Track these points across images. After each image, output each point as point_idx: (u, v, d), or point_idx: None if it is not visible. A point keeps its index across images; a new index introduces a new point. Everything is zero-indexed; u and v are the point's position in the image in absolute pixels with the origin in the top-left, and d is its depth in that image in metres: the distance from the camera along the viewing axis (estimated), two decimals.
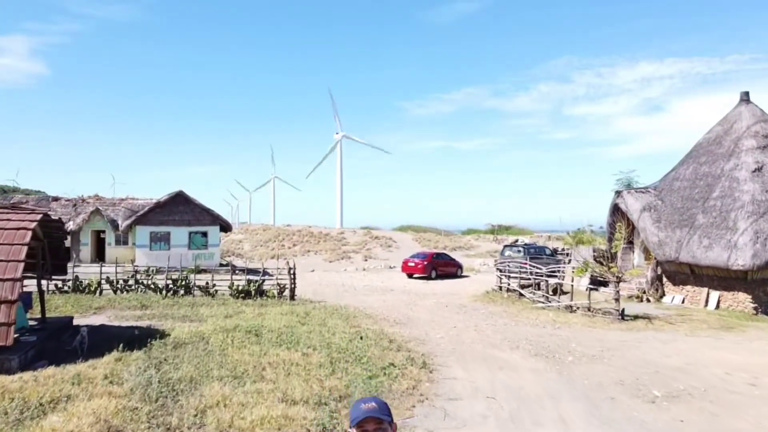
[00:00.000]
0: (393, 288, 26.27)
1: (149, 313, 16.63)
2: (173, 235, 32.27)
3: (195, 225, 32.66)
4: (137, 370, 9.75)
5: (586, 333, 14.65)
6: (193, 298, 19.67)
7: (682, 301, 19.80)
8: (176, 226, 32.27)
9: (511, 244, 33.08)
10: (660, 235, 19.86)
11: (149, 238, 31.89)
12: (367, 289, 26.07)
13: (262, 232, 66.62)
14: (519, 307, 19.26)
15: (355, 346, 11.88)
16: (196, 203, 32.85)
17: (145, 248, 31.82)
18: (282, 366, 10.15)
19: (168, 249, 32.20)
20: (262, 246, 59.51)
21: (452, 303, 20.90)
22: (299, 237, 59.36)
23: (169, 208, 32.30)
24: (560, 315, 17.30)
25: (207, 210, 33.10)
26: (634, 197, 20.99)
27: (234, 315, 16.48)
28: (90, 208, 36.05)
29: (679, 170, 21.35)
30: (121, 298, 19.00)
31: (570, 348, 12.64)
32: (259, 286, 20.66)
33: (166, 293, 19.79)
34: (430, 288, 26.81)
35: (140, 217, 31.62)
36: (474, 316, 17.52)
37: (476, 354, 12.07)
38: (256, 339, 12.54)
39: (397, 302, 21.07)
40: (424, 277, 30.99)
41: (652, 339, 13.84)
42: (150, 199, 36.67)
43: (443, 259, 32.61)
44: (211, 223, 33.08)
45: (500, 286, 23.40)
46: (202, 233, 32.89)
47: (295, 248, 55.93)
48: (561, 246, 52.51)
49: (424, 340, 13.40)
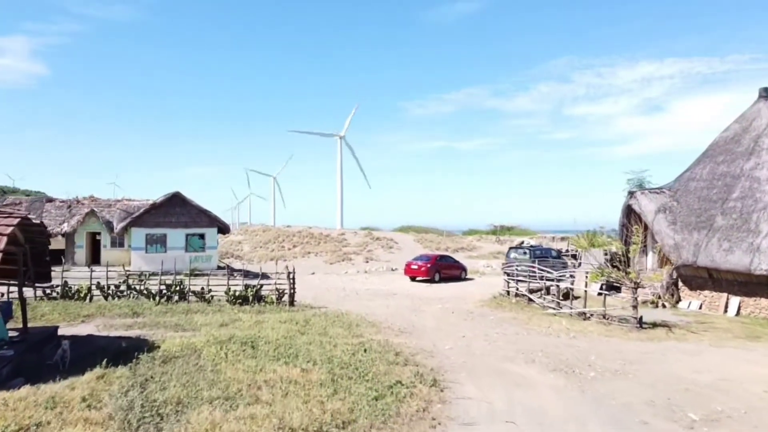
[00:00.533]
0: (396, 292, 25.37)
1: (140, 322, 15.72)
2: (170, 237, 31.36)
3: (192, 227, 31.75)
4: (120, 390, 8.84)
5: (604, 343, 13.73)
6: (187, 305, 18.75)
7: (700, 306, 18.89)
8: (173, 227, 31.36)
9: (516, 246, 32.19)
10: (676, 237, 18.95)
11: (145, 241, 30.98)
12: (369, 293, 25.16)
13: (262, 233, 65.70)
14: (529, 314, 18.35)
15: (358, 360, 10.98)
16: (193, 204, 31.94)
17: (141, 251, 30.91)
18: (279, 384, 9.24)
19: (164, 251, 31.30)
20: (262, 247, 58.60)
21: (459, 309, 19.99)
22: (299, 238, 58.44)
23: (165, 209, 31.39)
24: (574, 323, 16.39)
25: (204, 211, 32.19)
26: (648, 198, 20.09)
27: (230, 323, 15.58)
28: (85, 210, 35.13)
29: (695, 170, 20.44)
30: (112, 304, 18.08)
31: (590, 361, 11.72)
32: (257, 291, 19.75)
33: (159, 299, 18.87)
34: (435, 292, 25.90)
35: (136, 219, 30.72)
36: (483, 324, 16.60)
37: (489, 368, 11.16)
38: (252, 352, 11.63)
39: (401, 308, 20.16)
40: (427, 281, 30.09)
41: (676, 350, 12.92)
42: (146, 201, 35.77)
43: (447, 262, 31.70)
44: (209, 225, 32.17)
45: (508, 290, 22.49)
46: (200, 235, 31.98)
47: (295, 249, 55.02)
48: (564, 247, 51.59)
49: (432, 352, 12.49)
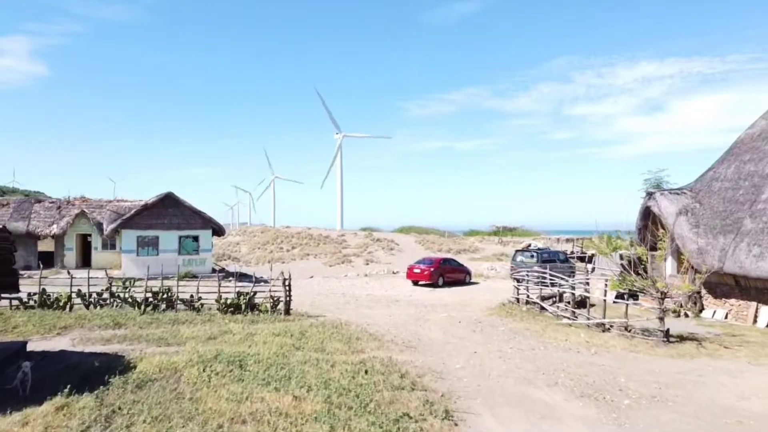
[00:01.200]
0: (398, 298, 24.01)
1: (121, 334, 14.36)
2: (162, 240, 30.01)
3: (185, 228, 30.39)
4: (79, 427, 7.51)
5: (631, 361, 12.38)
6: (175, 314, 17.39)
7: (725, 316, 17.54)
8: (165, 229, 30.00)
9: (522, 249, 30.83)
10: (699, 242, 17.61)
11: (136, 243, 29.63)
12: (369, 299, 23.81)
13: (260, 234, 64.33)
14: (542, 324, 17.00)
15: (359, 385, 9.63)
16: (187, 205, 30.59)
17: (132, 254, 29.55)
18: (267, 418, 7.89)
19: (156, 254, 29.96)
20: (260, 249, 57.25)
21: (466, 317, 18.64)
22: (298, 239, 57.07)
23: (157, 210, 30.03)
24: (593, 335, 15.04)
25: (198, 212, 30.82)
26: (669, 199, 18.74)
27: (219, 336, 14.23)
28: (75, 211, 33.78)
29: (718, 169, 19.10)
30: (94, 314, 16.71)
31: (620, 384, 10.37)
32: (250, 299, 18.38)
33: (144, 308, 17.50)
34: (439, 298, 24.55)
35: (126, 221, 29.36)
36: (494, 336, 15.25)
37: (508, 393, 9.81)
38: (239, 373, 10.29)
39: (405, 317, 18.81)
40: (430, 285, 28.74)
41: (713, 370, 11.57)
42: (139, 201, 34.41)
43: (451, 265, 30.34)
44: (203, 227, 30.81)
45: (517, 297, 21.12)
46: (193, 237, 30.62)
47: (294, 251, 53.66)
48: (570, 248, 50.20)
49: (442, 373, 11.13)
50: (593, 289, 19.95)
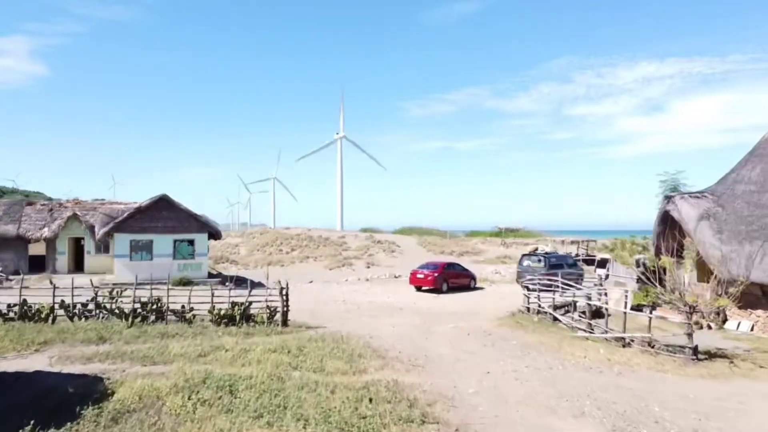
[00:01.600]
0: (402, 306, 22.89)
1: (105, 351, 13.23)
2: (156, 244, 28.89)
3: (180, 232, 29.27)
4: None
5: (660, 383, 11.26)
6: (165, 326, 16.26)
7: (751, 328, 16.44)
8: (159, 233, 28.88)
9: (529, 254, 29.72)
10: (723, 249, 16.51)
11: (129, 248, 28.51)
12: (371, 307, 22.70)
13: (260, 235, 63.24)
14: (557, 337, 15.89)
15: (361, 416, 8.52)
16: (182, 208, 29.46)
17: (125, 258, 28.44)
18: None
19: (150, 259, 28.85)
20: (259, 251, 56.15)
21: (474, 329, 17.53)
22: (298, 241, 55.97)
23: (151, 213, 28.91)
24: (613, 351, 13.92)
25: (194, 216, 29.70)
26: (689, 204, 17.65)
27: (210, 352, 13.11)
28: (67, 214, 32.67)
29: (741, 172, 18.02)
30: (77, 327, 15.58)
31: (654, 414, 9.26)
32: (245, 310, 17.26)
33: (132, 320, 16.38)
34: (444, 305, 23.45)
35: (119, 224, 28.24)
36: (507, 352, 14.13)
37: (530, 426, 8.69)
38: (229, 401, 9.18)
39: (409, 328, 17.71)
40: (434, 290, 27.62)
41: (754, 394, 10.46)
42: (133, 203, 33.27)
43: (455, 270, 29.22)
44: (199, 230, 29.69)
45: (528, 306, 20.00)
46: (189, 241, 29.50)
47: (294, 254, 52.56)
48: (574, 251, 49.09)
49: (454, 399, 10.01)
50: (609, 298, 18.83)
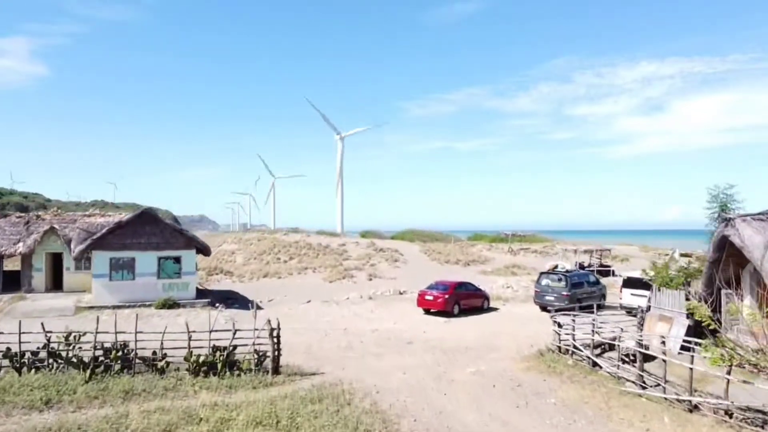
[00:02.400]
0: (410, 337, 20.04)
1: (46, 424, 10.42)
2: (139, 262, 26.06)
3: (165, 249, 26.43)
4: None
5: None
6: (131, 379, 13.41)
7: None
8: (142, 250, 26.05)
9: (549, 272, 26.88)
10: None
11: (109, 266, 25.68)
12: (377, 338, 19.86)
13: (257, 242, 60.35)
14: (601, 391, 13.08)
15: None
16: (167, 223, 26.64)
17: (104, 278, 25.61)
18: None
19: (132, 278, 26.04)
20: (256, 259, 53.28)
21: (499, 374, 14.74)
22: (296, 249, 53.12)
23: (133, 229, 26.07)
24: (680, 419, 11.11)
25: (180, 231, 26.86)
26: (754, 228, 14.84)
27: (179, 426, 10.30)
28: (44, 227, 29.83)
29: None
30: (22, 384, 12.73)
31: None
32: (228, 355, 14.42)
33: (92, 372, 13.51)
34: (458, 335, 20.64)
35: (98, 240, 25.40)
36: (547, 418, 11.31)
37: None
38: None
39: (422, 373, 14.90)
40: (444, 313, 24.81)
41: None
42: (118, 214, 30.39)
43: (467, 290, 26.39)
44: (185, 247, 26.84)
45: (559, 345, 17.17)
46: (174, 259, 26.66)
47: (292, 263, 49.70)
48: (586, 260, 46.26)
49: None
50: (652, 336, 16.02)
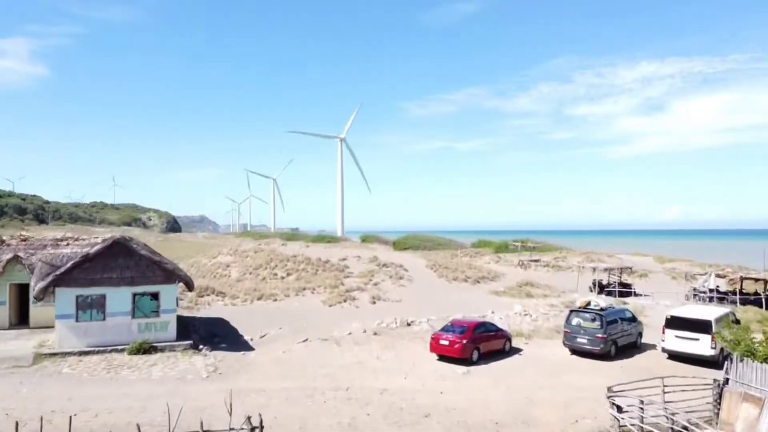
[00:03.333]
0: (427, 406, 16.35)
1: None
2: (110, 300, 22.43)
3: (141, 284, 22.80)
4: None
5: None
6: None
7: None
8: (114, 286, 22.42)
9: (580, 309, 23.21)
10: None
11: (75, 305, 22.04)
12: (387, 408, 16.18)
13: (253, 254, 56.72)
14: None
15: None
16: (143, 254, 22.95)
17: (70, 319, 21.97)
18: None
19: (103, 319, 22.43)
20: (252, 274, 49.60)
21: None
22: (294, 264, 49.44)
23: (103, 261, 22.42)
24: None
25: (158, 263, 23.17)
26: None
27: None
28: (8, 255, 26.15)
29: None
30: None
31: None
32: None
33: None
34: (481, 395, 17.04)
35: (62, 276, 21.74)
36: None
37: None
38: None
39: None
40: (461, 360, 21.18)
41: None
42: (95, 239, 26.69)
43: (487, 331, 22.71)
44: (165, 281, 23.18)
45: (621, 427, 13.51)
46: (152, 295, 23.02)
47: (289, 279, 46.04)
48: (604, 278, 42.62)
49: None
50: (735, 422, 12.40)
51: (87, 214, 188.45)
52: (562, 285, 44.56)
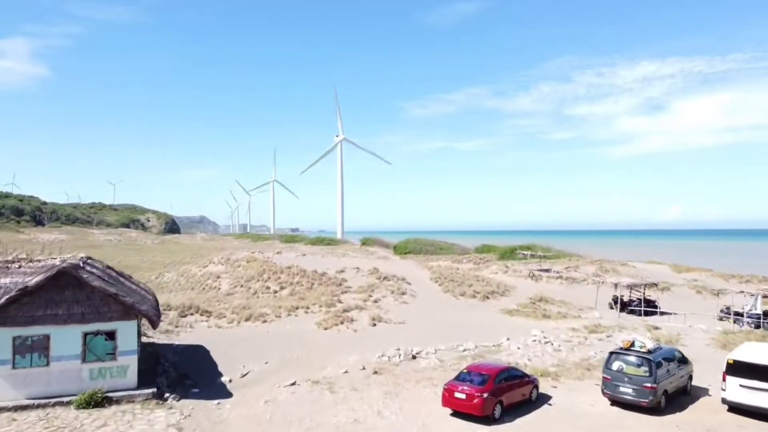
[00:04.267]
0: None
1: None
2: (55, 341, 18.27)
3: (94, 321, 18.63)
4: None
5: None
6: None
7: None
8: (60, 324, 18.26)
9: (622, 350, 18.98)
10: None
11: (12, 348, 17.88)
12: None
13: (246, 263, 52.55)
14: None
15: None
16: (95, 285, 18.72)
17: (5, 366, 17.84)
18: None
19: (46, 364, 18.27)
20: (243, 287, 45.44)
21: None
22: (288, 276, 45.24)
23: (46, 295, 18.24)
24: None
25: (114, 295, 18.92)
26: None
27: None
28: None
29: None
30: None
31: None
32: None
33: None
34: None
35: None
36: None
37: None
38: None
39: None
40: (481, 418, 17.02)
41: None
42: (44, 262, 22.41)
43: (511, 379, 18.48)
44: (123, 316, 18.99)
45: None
46: (107, 334, 18.85)
47: (282, 293, 41.91)
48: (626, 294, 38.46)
49: None
50: None
51: (85, 215, 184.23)
52: (578, 300, 40.46)
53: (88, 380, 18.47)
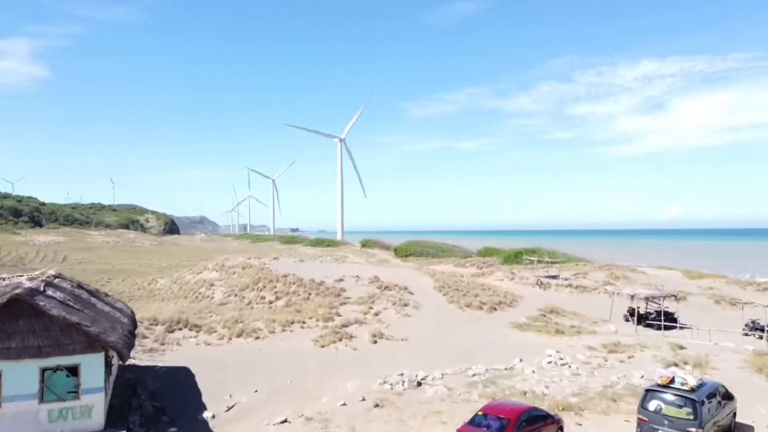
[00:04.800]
0: None
1: None
2: (8, 378, 15.71)
3: (53, 355, 16.05)
4: None
5: None
6: None
7: None
8: (13, 359, 15.69)
9: (660, 387, 16.39)
10: None
11: None
12: None
13: (241, 270, 49.97)
14: None
15: None
16: (54, 314, 16.13)
17: None
18: None
19: None
20: (237, 296, 42.94)
21: None
22: (284, 286, 42.66)
23: None
24: None
25: (77, 325, 16.33)
26: None
27: None
28: None
29: None
30: None
31: None
32: None
33: None
34: None
35: None
36: None
37: None
38: None
39: None
40: None
41: None
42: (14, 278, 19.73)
43: (535, 421, 15.90)
44: (87, 349, 16.42)
45: None
46: (69, 369, 16.27)
47: (278, 304, 39.39)
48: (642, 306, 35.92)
49: None
50: None
51: (84, 216, 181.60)
52: (590, 311, 37.89)
53: (47, 423, 15.91)
